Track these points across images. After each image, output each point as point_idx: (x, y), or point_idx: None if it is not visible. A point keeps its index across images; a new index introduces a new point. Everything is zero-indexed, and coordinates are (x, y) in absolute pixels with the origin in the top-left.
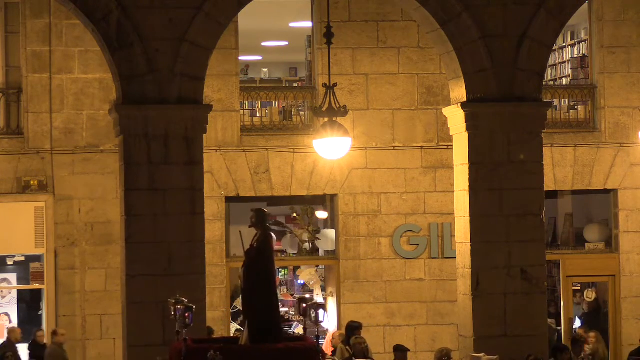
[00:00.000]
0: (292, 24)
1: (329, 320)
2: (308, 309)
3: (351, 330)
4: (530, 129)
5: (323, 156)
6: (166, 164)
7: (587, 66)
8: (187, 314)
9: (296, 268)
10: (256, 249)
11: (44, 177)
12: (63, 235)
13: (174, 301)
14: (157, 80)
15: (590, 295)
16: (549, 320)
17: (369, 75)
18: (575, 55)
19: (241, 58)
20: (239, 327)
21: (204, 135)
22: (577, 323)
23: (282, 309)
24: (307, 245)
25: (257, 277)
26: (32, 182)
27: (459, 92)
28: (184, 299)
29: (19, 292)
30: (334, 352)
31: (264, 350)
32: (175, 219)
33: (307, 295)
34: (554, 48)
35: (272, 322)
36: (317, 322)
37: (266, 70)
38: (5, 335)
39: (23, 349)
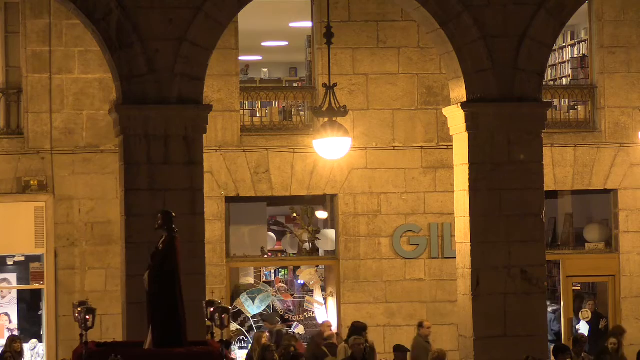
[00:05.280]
0: (292, 24)
1: (329, 321)
2: (214, 313)
3: (356, 331)
4: (530, 129)
5: (323, 156)
6: (166, 164)
7: (587, 66)
8: (88, 317)
9: (296, 268)
10: (161, 252)
11: (44, 177)
12: (63, 235)
13: (77, 303)
14: (157, 80)
15: (586, 315)
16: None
17: (369, 75)
18: (575, 55)
19: (241, 58)
20: (238, 326)
21: (204, 135)
22: (584, 325)
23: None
24: (307, 245)
25: (162, 281)
26: (32, 182)
27: (459, 92)
28: (87, 300)
29: (19, 292)
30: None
31: (166, 354)
32: (175, 219)
33: (218, 300)
34: (554, 48)
35: (176, 326)
36: (222, 327)
37: (266, 70)
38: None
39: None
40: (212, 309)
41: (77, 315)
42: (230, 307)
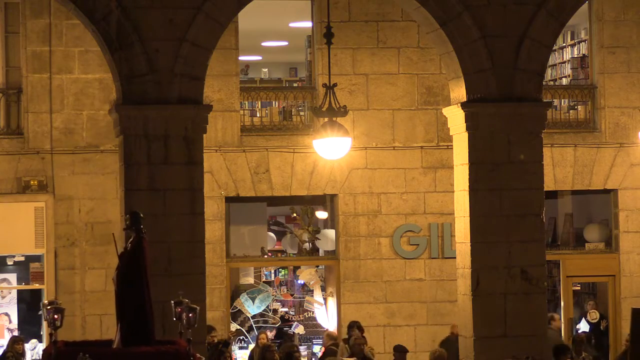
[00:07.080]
0: (292, 24)
1: (329, 320)
2: (181, 313)
3: (349, 329)
4: (530, 129)
5: (323, 156)
6: (166, 164)
7: (587, 66)
8: (56, 316)
9: (296, 268)
10: (129, 252)
11: (44, 177)
12: (63, 235)
13: (46, 302)
14: (157, 80)
15: (594, 315)
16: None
17: (369, 75)
18: (575, 55)
19: (241, 58)
20: (238, 326)
21: (204, 135)
22: (584, 325)
23: (282, 309)
24: (307, 245)
25: (130, 281)
26: (32, 182)
27: (459, 92)
28: (57, 300)
29: (19, 292)
30: (326, 353)
31: (134, 353)
32: (175, 219)
33: (186, 300)
34: (554, 48)
35: (144, 325)
36: (189, 326)
37: (266, 70)
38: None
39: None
40: (179, 309)
41: (46, 314)
42: (197, 307)
